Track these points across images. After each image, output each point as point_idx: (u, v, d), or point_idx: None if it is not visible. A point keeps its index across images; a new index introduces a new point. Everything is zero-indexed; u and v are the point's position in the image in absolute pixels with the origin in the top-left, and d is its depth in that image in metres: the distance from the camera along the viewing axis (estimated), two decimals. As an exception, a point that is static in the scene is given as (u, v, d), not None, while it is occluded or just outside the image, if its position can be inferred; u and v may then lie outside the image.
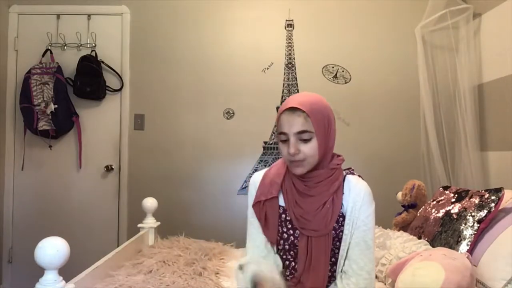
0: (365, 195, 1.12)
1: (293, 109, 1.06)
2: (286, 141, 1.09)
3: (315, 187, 1.13)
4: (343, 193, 1.14)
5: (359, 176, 1.20)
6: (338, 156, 1.20)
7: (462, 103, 2.55)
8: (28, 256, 1.30)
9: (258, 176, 1.24)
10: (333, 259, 1.14)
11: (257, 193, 1.19)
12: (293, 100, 1.08)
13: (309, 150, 1.07)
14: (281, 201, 1.18)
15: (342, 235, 1.11)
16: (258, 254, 1.16)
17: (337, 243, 1.13)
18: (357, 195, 1.12)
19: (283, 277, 1.14)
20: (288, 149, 1.08)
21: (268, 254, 1.17)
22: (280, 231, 1.16)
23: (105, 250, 1.80)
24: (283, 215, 1.16)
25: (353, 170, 1.22)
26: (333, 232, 1.11)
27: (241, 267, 1.11)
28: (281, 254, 1.18)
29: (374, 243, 1.13)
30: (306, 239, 1.11)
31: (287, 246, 1.16)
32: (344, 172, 1.19)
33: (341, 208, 1.12)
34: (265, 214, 1.15)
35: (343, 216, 1.12)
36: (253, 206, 1.18)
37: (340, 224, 1.12)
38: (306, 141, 1.07)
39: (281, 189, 1.18)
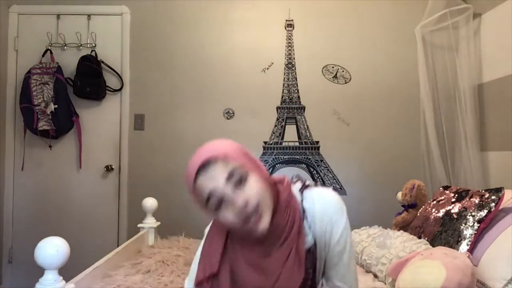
0: (333, 214, 0.90)
1: (204, 167, 0.82)
2: (221, 205, 0.82)
3: (279, 238, 0.87)
4: (309, 227, 0.90)
5: (315, 185, 0.96)
6: (281, 182, 0.94)
7: (462, 103, 2.55)
8: (28, 256, 1.29)
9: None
10: None
11: (197, 270, 0.93)
12: (196, 161, 0.83)
13: (253, 189, 0.82)
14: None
15: (315, 267, 0.92)
16: None
17: (311, 274, 0.92)
18: (322, 221, 0.89)
19: None
20: (232, 208, 0.81)
21: None
22: None
23: (105, 250, 1.80)
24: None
25: (307, 184, 0.97)
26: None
27: None
28: None
29: (353, 254, 0.95)
30: None
31: None
32: (298, 194, 0.94)
33: (312, 241, 0.90)
34: None
35: (314, 250, 0.91)
36: (196, 287, 0.91)
37: (311, 258, 0.91)
38: (241, 183, 0.82)
39: (224, 261, 0.91)
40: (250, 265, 0.89)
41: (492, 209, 1.47)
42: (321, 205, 0.91)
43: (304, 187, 0.96)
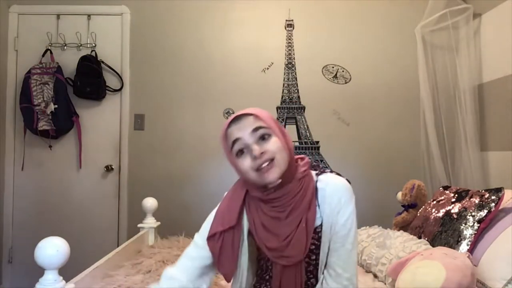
0: (342, 196, 0.98)
1: (239, 117, 0.96)
2: (242, 152, 0.95)
3: (289, 205, 0.96)
4: (318, 206, 0.98)
5: (331, 172, 1.05)
6: (302, 159, 1.05)
7: (462, 103, 2.55)
8: (28, 256, 1.30)
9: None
10: (312, 280, 1.03)
11: (212, 224, 1.03)
12: (233, 116, 0.99)
13: (273, 146, 0.93)
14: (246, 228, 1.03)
15: (318, 251, 0.99)
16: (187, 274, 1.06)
17: (314, 261, 1.01)
18: (332, 201, 0.97)
19: None
20: (250, 155, 0.93)
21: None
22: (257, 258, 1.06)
23: (105, 250, 1.80)
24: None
25: (324, 168, 1.06)
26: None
27: None
28: (257, 284, 1.08)
29: (356, 244, 1.00)
30: (281, 267, 0.99)
31: (266, 276, 1.05)
32: (314, 175, 1.03)
33: (319, 221, 0.98)
34: (220, 247, 1.00)
35: (320, 231, 0.99)
36: (208, 240, 1.02)
37: (315, 239, 0.99)
38: (265, 138, 0.94)
39: (244, 214, 1.02)
40: (264, 227, 0.98)
41: (492, 209, 1.47)
42: (333, 187, 0.99)
43: (321, 172, 1.04)
